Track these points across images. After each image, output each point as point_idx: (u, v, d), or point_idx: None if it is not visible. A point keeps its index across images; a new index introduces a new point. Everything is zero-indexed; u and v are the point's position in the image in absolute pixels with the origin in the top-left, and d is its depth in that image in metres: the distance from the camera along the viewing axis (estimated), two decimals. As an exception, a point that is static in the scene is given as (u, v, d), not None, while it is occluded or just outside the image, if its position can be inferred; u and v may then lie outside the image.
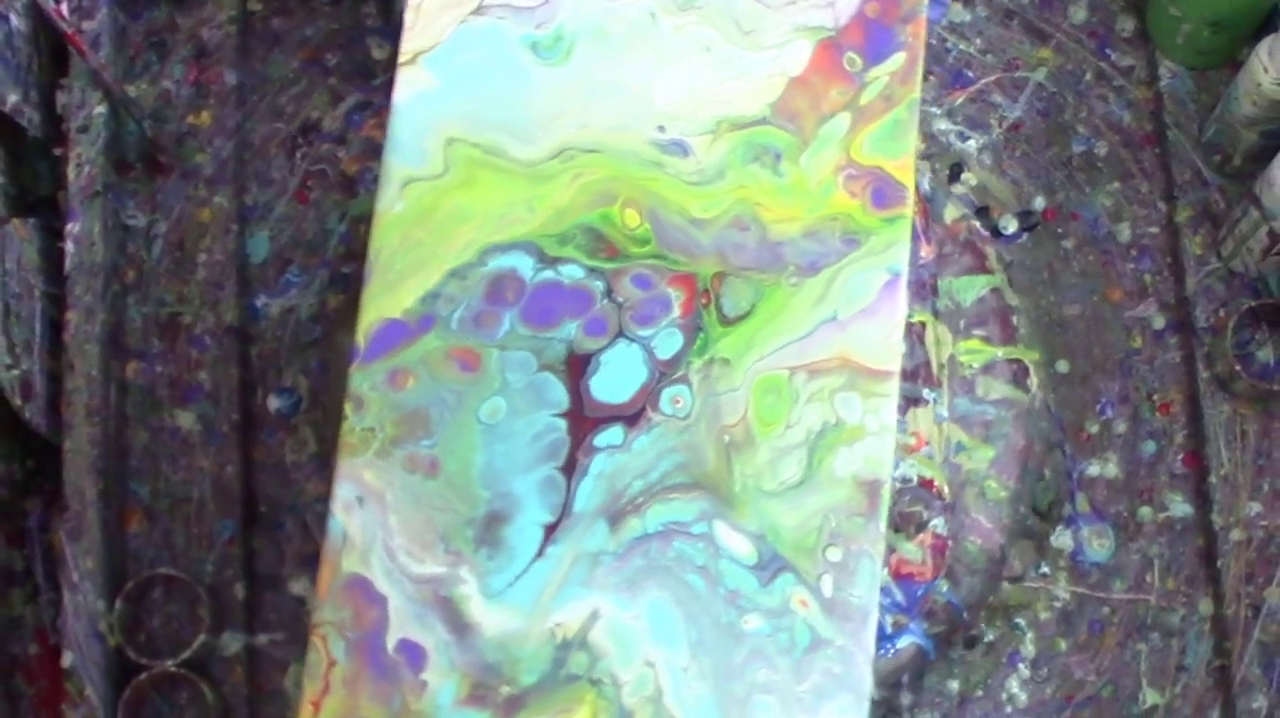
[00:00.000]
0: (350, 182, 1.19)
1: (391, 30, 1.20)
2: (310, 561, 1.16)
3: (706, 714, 0.85)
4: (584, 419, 0.88)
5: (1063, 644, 1.15)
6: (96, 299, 1.16)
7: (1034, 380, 1.12)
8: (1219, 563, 1.15)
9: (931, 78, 1.20)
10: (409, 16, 0.92)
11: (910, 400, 1.09)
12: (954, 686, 1.14)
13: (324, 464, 1.14)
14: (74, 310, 1.16)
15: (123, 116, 1.19)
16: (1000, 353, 1.12)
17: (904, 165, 0.92)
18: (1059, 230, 1.21)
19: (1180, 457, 1.18)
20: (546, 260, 0.90)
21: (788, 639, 0.86)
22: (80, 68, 1.18)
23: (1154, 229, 1.21)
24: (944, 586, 1.09)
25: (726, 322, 0.89)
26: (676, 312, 0.90)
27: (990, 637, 1.14)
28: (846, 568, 0.87)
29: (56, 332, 1.17)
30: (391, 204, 0.90)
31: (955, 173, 1.18)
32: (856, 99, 0.92)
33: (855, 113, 0.92)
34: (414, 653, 0.85)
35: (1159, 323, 1.20)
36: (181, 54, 1.23)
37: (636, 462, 0.88)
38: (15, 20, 1.16)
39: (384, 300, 0.89)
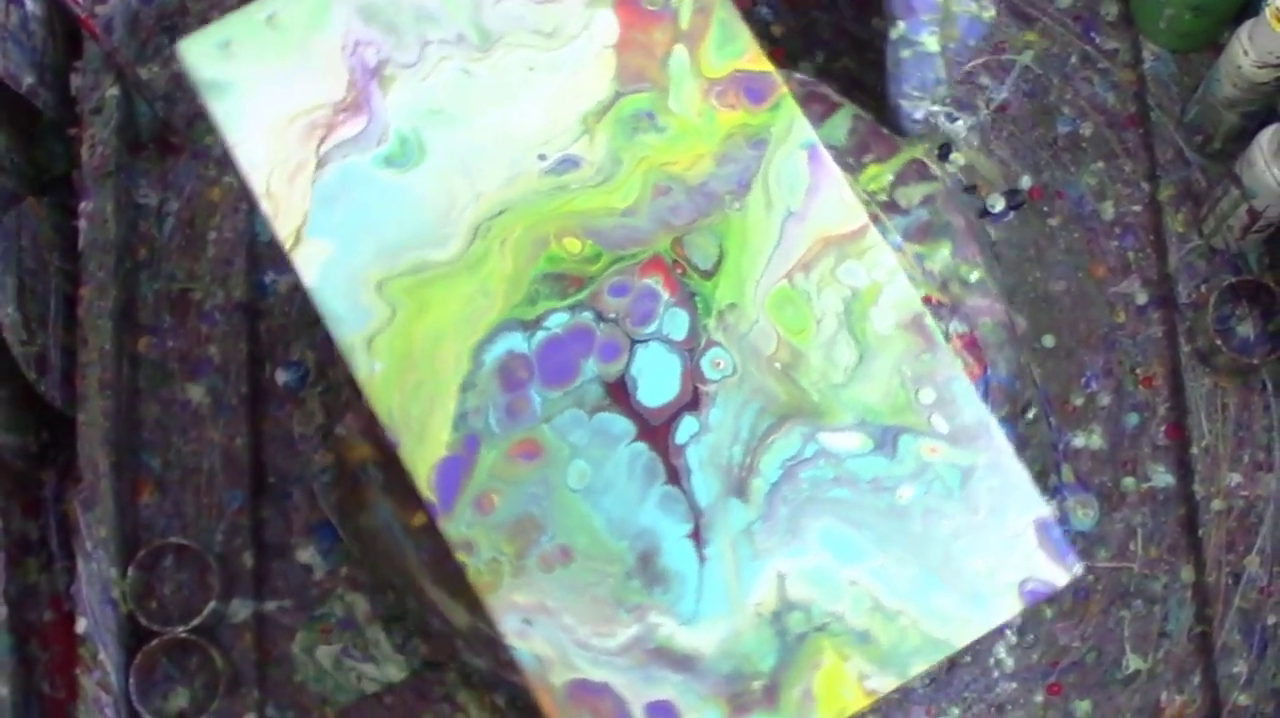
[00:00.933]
0: (356, 161, 1.19)
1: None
2: (316, 529, 1.17)
3: (926, 589, 0.86)
4: (656, 430, 0.88)
5: (1048, 611, 1.16)
6: (109, 275, 1.17)
7: (934, 167, 1.11)
8: (1200, 532, 1.15)
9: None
10: (268, 207, 0.89)
11: None
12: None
13: (330, 436, 1.15)
14: (87, 286, 1.16)
15: (135, 98, 1.19)
16: (892, 165, 1.11)
17: (753, 56, 0.92)
18: (1045, 209, 1.22)
19: (1163, 429, 1.19)
20: (531, 325, 0.88)
21: (942, 487, 0.87)
22: (94, 51, 1.19)
23: (1137, 207, 1.21)
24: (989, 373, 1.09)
25: (708, 275, 0.89)
26: (664, 294, 0.89)
27: (978, 604, 1.15)
28: (944, 399, 0.89)
29: (70, 307, 1.18)
30: (370, 370, 0.88)
31: (944, 153, 1.19)
32: (678, 27, 0.92)
33: (684, 40, 0.92)
34: (663, 710, 0.85)
35: (1142, 299, 1.20)
36: (192, 37, 1.23)
37: (721, 433, 0.88)
38: (30, 4, 1.17)
39: (424, 450, 0.87)
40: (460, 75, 0.92)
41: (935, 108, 1.07)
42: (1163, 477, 1.18)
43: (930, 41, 1.01)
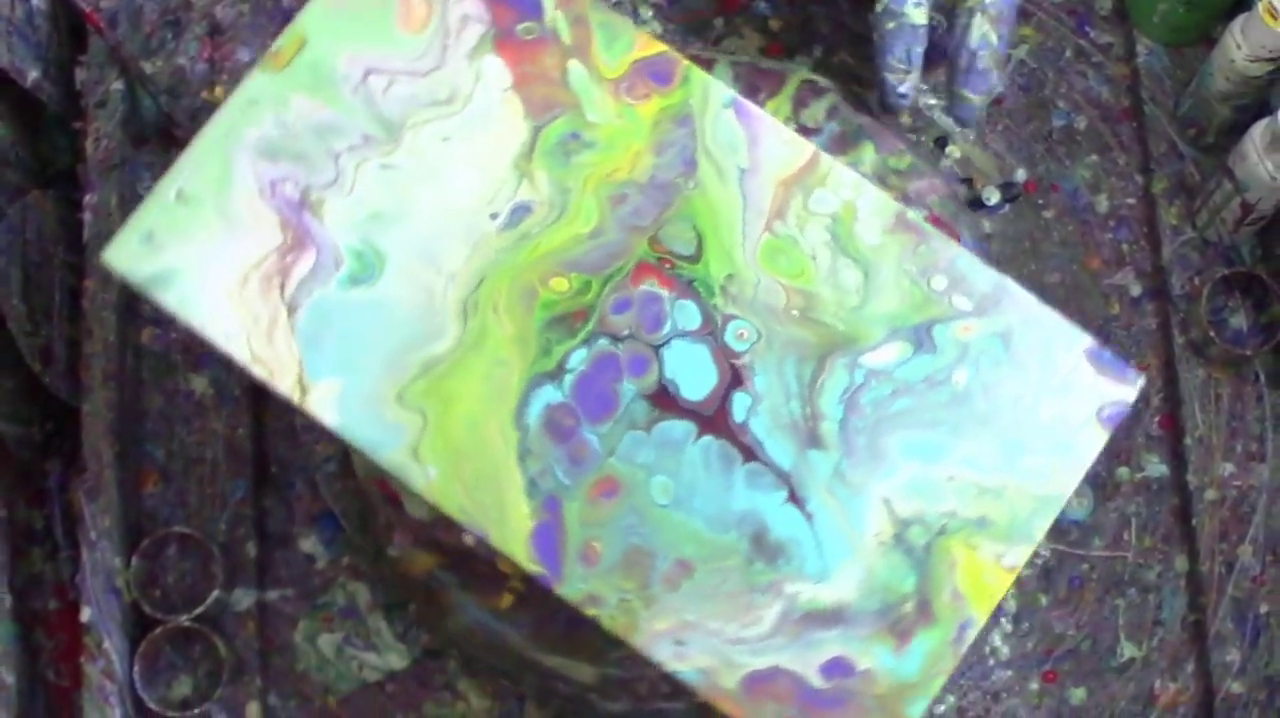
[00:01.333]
0: (358, 155, 1.20)
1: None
2: (318, 519, 1.17)
3: (1015, 456, 0.88)
4: (713, 418, 0.88)
5: (1043, 600, 1.16)
6: (114, 268, 1.17)
7: (822, 80, 1.12)
8: (1194, 521, 1.16)
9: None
10: (261, 372, 0.88)
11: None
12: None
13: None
14: (92, 279, 1.17)
15: (139, 92, 1.19)
16: (786, 94, 1.11)
17: (644, 44, 0.93)
18: (1040, 201, 1.22)
19: (1156, 419, 1.19)
20: (556, 373, 0.88)
21: (989, 359, 0.89)
22: (98, 45, 1.19)
23: (1131, 200, 1.22)
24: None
25: (695, 258, 0.90)
26: (664, 293, 0.90)
27: (973, 592, 1.16)
28: (955, 278, 0.90)
29: (75, 299, 1.18)
30: (426, 478, 0.87)
31: (940, 146, 1.19)
32: (563, 45, 0.92)
33: (574, 54, 0.92)
34: (837, 667, 0.86)
35: (1136, 290, 1.21)
36: (196, 32, 1.23)
37: (773, 398, 0.89)
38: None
39: (511, 530, 0.87)
40: (382, 173, 0.91)
41: (922, 84, 1.07)
42: (1156, 467, 1.18)
43: (915, 14, 1.01)
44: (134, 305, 1.19)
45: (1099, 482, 1.18)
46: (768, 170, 0.92)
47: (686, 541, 0.87)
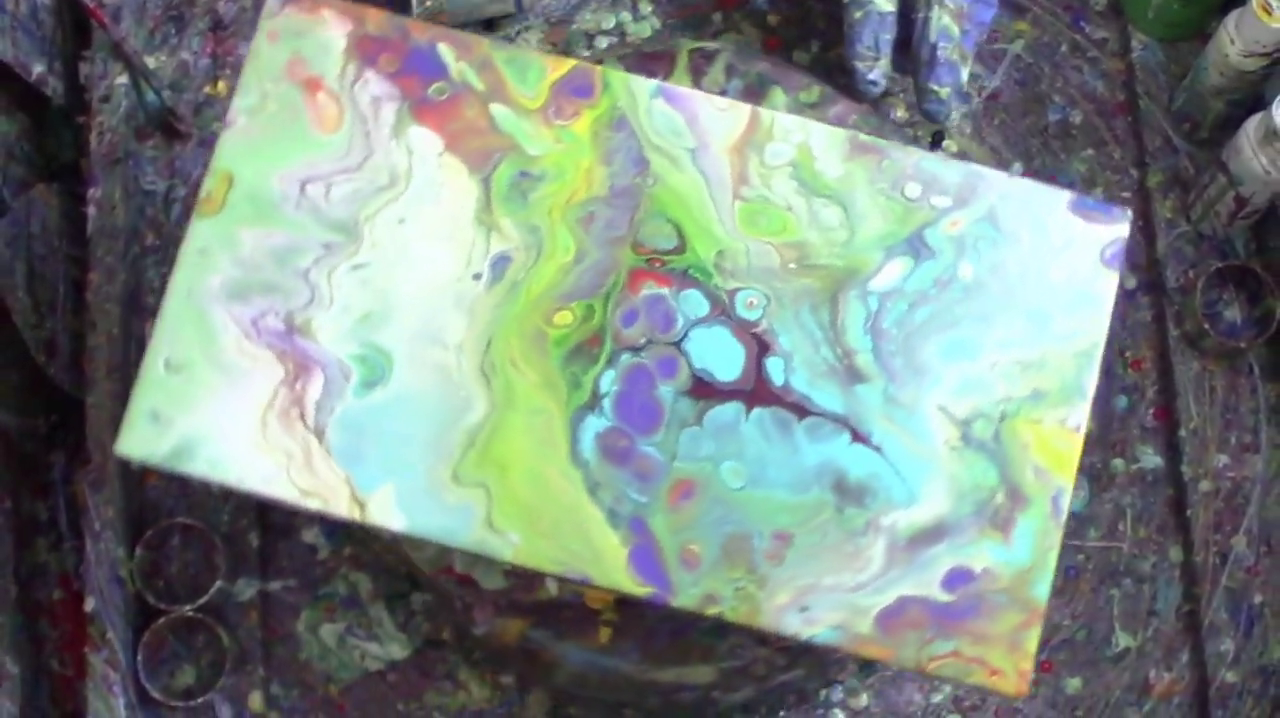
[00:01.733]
0: (359, 149, 1.20)
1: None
2: (321, 510, 1.17)
3: (1042, 323, 0.91)
4: (755, 391, 0.90)
5: (1039, 590, 1.17)
6: (117, 260, 1.17)
7: (709, 44, 1.13)
8: (1188, 512, 1.16)
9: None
10: (314, 504, 0.87)
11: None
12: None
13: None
14: (96, 271, 1.17)
15: (143, 86, 1.19)
16: (682, 67, 1.13)
17: (554, 65, 0.94)
18: (1036, 196, 1.22)
19: (1151, 411, 1.19)
20: (593, 402, 0.89)
21: (985, 242, 0.91)
22: (102, 40, 1.20)
23: (1126, 194, 1.22)
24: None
25: (680, 248, 0.91)
26: (664, 290, 0.91)
27: (970, 582, 1.16)
28: (926, 180, 0.92)
29: (79, 292, 1.18)
30: (511, 545, 0.87)
31: (937, 140, 1.19)
32: (479, 93, 0.93)
33: (494, 97, 0.93)
34: (959, 577, 0.88)
35: (1130, 283, 1.21)
36: (199, 27, 1.24)
37: (802, 351, 0.90)
38: (40, -6, 1.17)
39: (609, 565, 0.88)
40: (355, 274, 0.91)
41: (891, 71, 1.08)
42: (1151, 458, 1.18)
43: (882, 2, 1.02)
44: (138, 298, 1.19)
45: (1094, 473, 1.18)
46: (715, 143, 0.93)
47: (775, 512, 0.88)
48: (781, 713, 1.14)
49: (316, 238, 0.91)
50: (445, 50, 0.94)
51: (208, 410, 0.88)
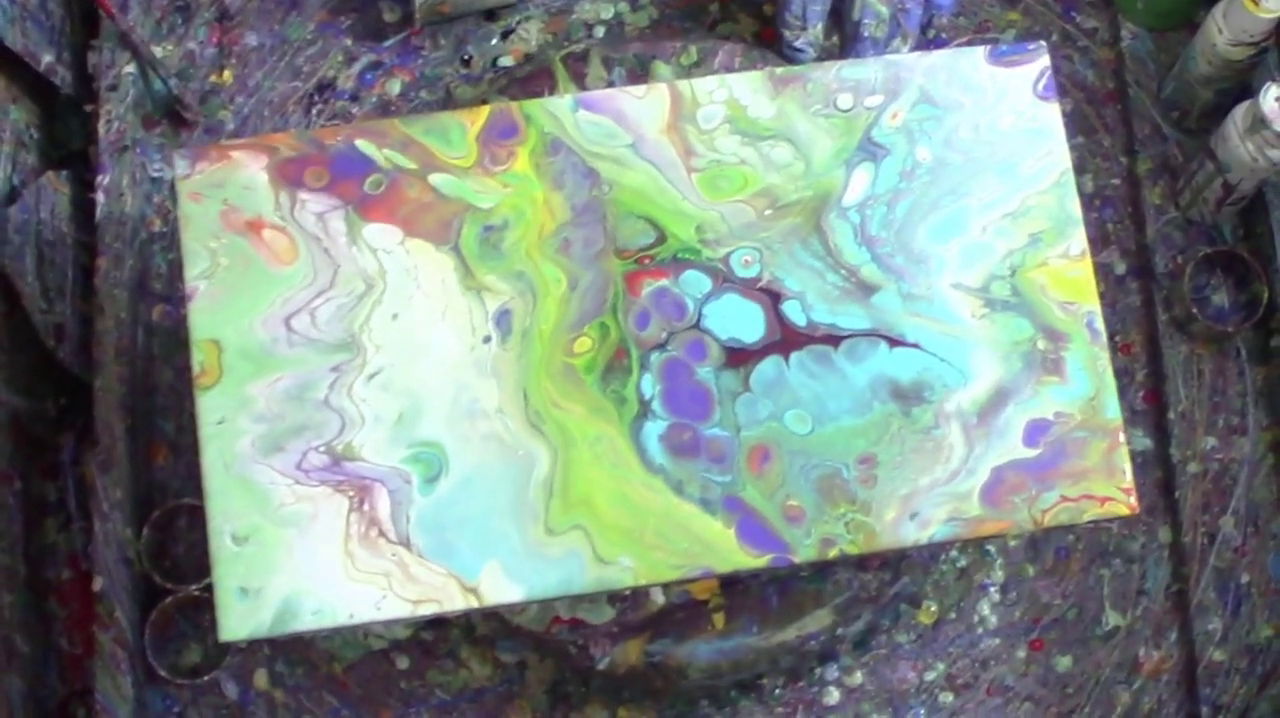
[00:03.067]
0: (363, 136, 1.20)
1: (401, -4, 1.23)
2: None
3: (1007, 177, 0.94)
4: (784, 340, 0.93)
5: (1031, 570, 1.17)
6: (125, 246, 1.18)
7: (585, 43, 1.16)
8: (1177, 494, 1.17)
9: (909, 38, 1.22)
10: (431, 610, 0.89)
11: None
12: (932, 608, 1.16)
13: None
14: (104, 257, 1.17)
15: (150, 76, 1.20)
16: (565, 88, 1.16)
17: (471, 116, 0.96)
18: (1027, 183, 1.22)
19: (1141, 394, 1.20)
20: (644, 411, 0.91)
21: (929, 122, 0.95)
22: (110, 30, 1.20)
23: (1116, 181, 1.23)
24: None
25: (662, 238, 0.94)
26: (663, 282, 0.93)
27: (963, 563, 1.17)
28: (849, 87, 0.96)
29: (88, 277, 1.19)
30: (627, 570, 0.90)
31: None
32: (412, 170, 0.95)
33: (429, 169, 0.95)
34: (1039, 428, 0.91)
35: (1120, 269, 1.22)
36: (205, 17, 1.24)
37: (812, 284, 0.93)
38: (49, -16, 1.18)
39: (722, 549, 0.90)
40: (372, 383, 0.92)
41: (821, 39, 1.11)
42: (1141, 440, 1.19)
43: None
44: (145, 283, 1.20)
45: (1085, 455, 1.18)
46: (649, 130, 0.95)
47: (851, 440, 0.91)
48: (778, 691, 1.14)
49: (322, 364, 0.92)
50: (364, 145, 0.95)
51: (293, 566, 0.89)
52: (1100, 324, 0.92)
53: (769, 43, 1.21)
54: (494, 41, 1.23)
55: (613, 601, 1.08)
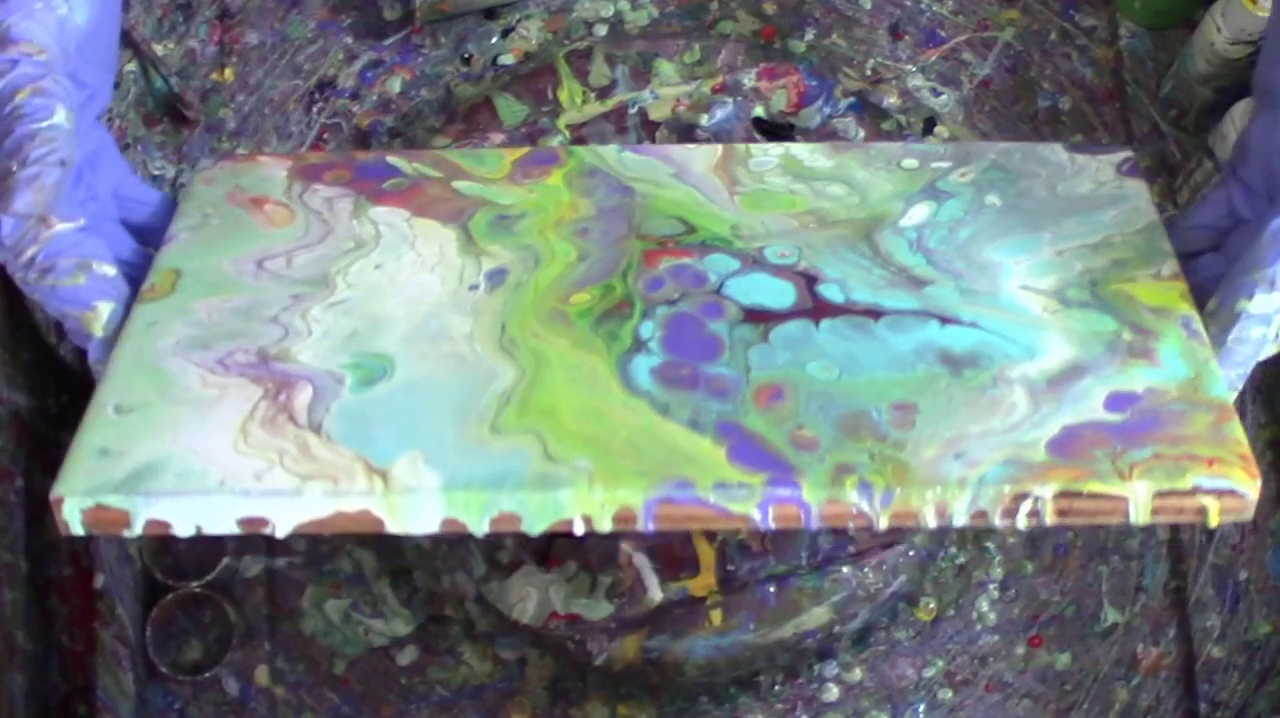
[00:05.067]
0: (363, 135, 1.19)
1: (401, -5, 1.22)
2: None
3: (1090, 220, 0.87)
4: (818, 309, 0.81)
5: (1029, 567, 1.16)
6: (126, 244, 1.17)
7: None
8: (1175, 491, 1.16)
9: (907, 38, 1.21)
10: (321, 489, 0.71)
11: None
12: (931, 604, 1.15)
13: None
14: (105, 255, 1.16)
15: (151, 74, 1.19)
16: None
17: (509, 152, 0.92)
18: (1026, 181, 1.21)
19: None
20: (639, 347, 0.78)
21: (1002, 182, 0.89)
22: (111, 28, 1.20)
23: (1115, 179, 1.22)
24: None
25: (691, 231, 0.87)
26: (686, 260, 0.85)
27: (961, 559, 1.15)
28: (915, 155, 0.91)
29: (89, 274, 1.18)
30: (580, 470, 0.71)
31: (929, 126, 1.19)
32: (437, 179, 0.91)
33: (455, 177, 0.91)
34: (1120, 400, 0.76)
35: (1119, 266, 1.20)
36: (206, 15, 1.23)
37: (854, 275, 0.84)
38: (50, -17, 1.17)
39: (707, 463, 0.72)
40: (334, 309, 0.81)
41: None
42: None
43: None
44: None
45: (1083, 452, 1.17)
46: (696, 166, 0.90)
47: (886, 389, 0.76)
48: (777, 687, 1.13)
49: (283, 293, 0.82)
50: (395, 159, 0.89)
51: (173, 436, 0.74)
52: (1199, 327, 0.79)
53: (769, 41, 1.20)
54: (494, 40, 1.22)
55: (610, 597, 1.07)
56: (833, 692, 1.13)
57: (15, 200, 0.77)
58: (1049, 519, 0.72)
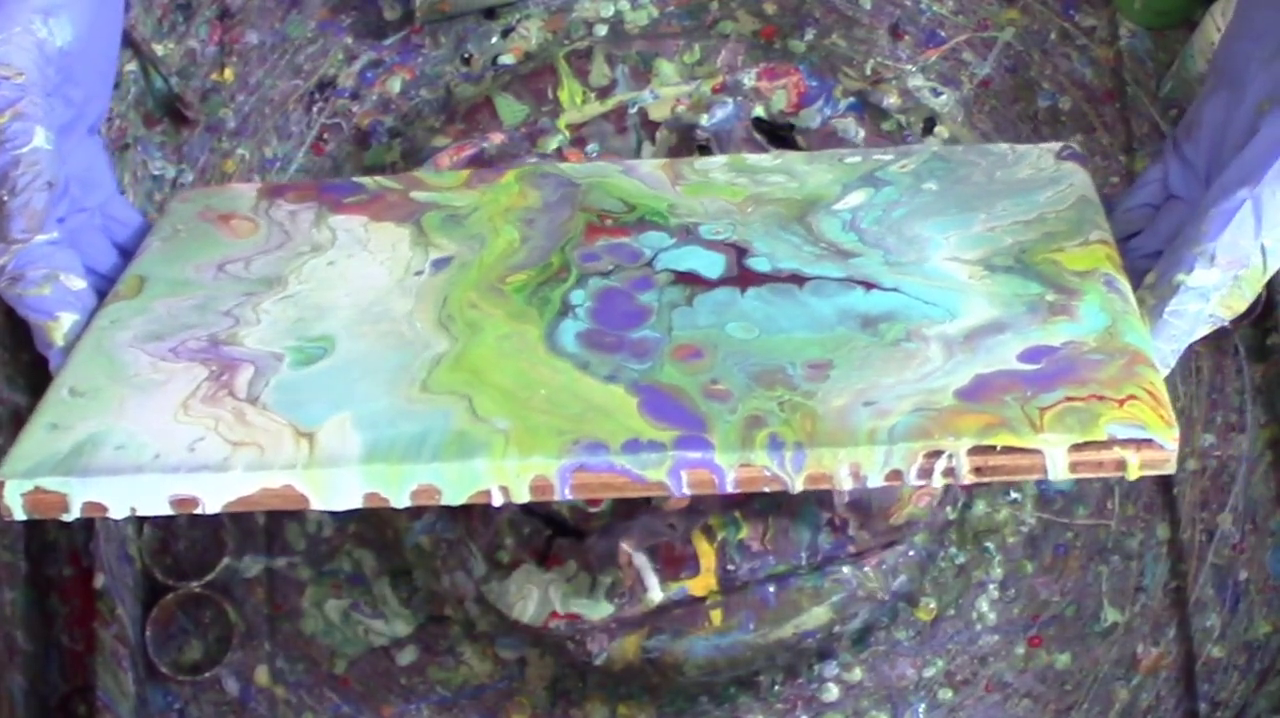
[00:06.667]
0: (363, 134, 1.19)
1: (402, -5, 1.21)
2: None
3: (1024, 198, 0.88)
4: (743, 277, 0.83)
5: (1029, 567, 1.15)
6: (126, 244, 1.16)
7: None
8: (1175, 490, 1.15)
9: (907, 38, 1.20)
10: (248, 456, 0.74)
11: None
12: (931, 604, 1.14)
13: None
14: (106, 255, 1.16)
15: (151, 74, 1.19)
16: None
17: (467, 173, 0.95)
18: (1026, 181, 1.21)
19: (1139, 391, 1.18)
20: (567, 311, 0.82)
21: (941, 170, 0.91)
22: (111, 28, 1.19)
23: (1114, 179, 1.20)
24: None
25: (631, 209, 0.90)
26: (623, 239, 0.88)
27: (961, 559, 1.15)
28: (857, 153, 0.93)
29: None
30: (497, 431, 0.74)
31: (928, 126, 1.18)
32: (396, 190, 0.94)
33: (413, 189, 0.94)
34: (1035, 352, 0.77)
35: (1119, 266, 1.20)
36: (206, 15, 1.23)
37: (783, 250, 0.86)
38: (50, -18, 1.16)
39: (619, 418, 0.74)
40: (284, 302, 0.85)
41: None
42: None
43: None
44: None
45: (1083, 452, 1.16)
46: (644, 164, 0.92)
47: (802, 348, 0.78)
48: (777, 687, 1.12)
49: (237, 293, 0.86)
50: (360, 179, 0.94)
51: (118, 412, 0.78)
52: (1123, 286, 0.81)
53: (769, 41, 1.20)
54: (494, 40, 1.21)
55: (610, 597, 1.06)
56: (833, 692, 1.13)
57: (11, 228, 0.81)
58: (965, 477, 0.72)
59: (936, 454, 0.72)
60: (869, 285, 0.81)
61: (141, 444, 0.75)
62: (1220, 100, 0.90)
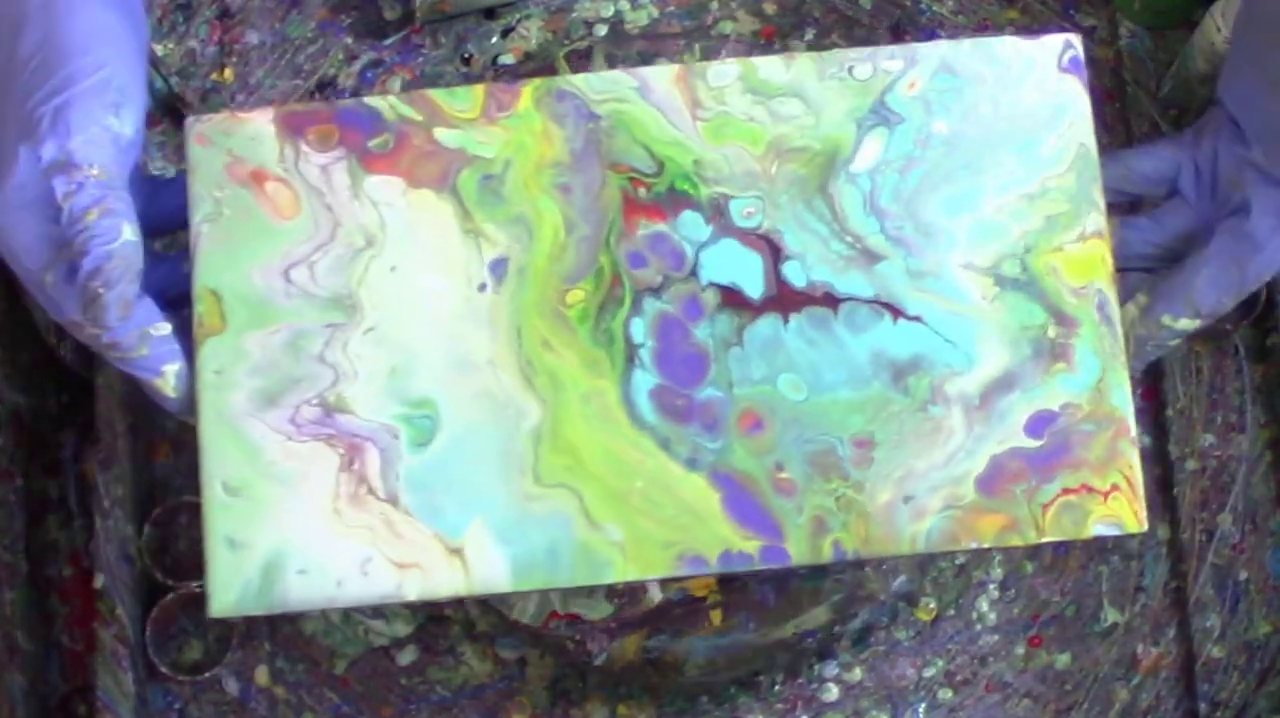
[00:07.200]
0: (363, 134, 1.19)
1: (402, -5, 1.21)
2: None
3: (1027, 155, 0.92)
4: (781, 297, 0.90)
5: (1029, 567, 1.15)
6: (126, 244, 1.16)
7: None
8: (1175, 491, 1.15)
9: (907, 38, 1.20)
10: (414, 583, 0.88)
11: None
12: (931, 604, 1.14)
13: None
14: (105, 255, 1.16)
15: (151, 74, 1.18)
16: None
17: (482, 85, 0.94)
18: (1026, 181, 1.21)
19: (1139, 391, 1.17)
20: (633, 354, 0.90)
21: (949, 94, 0.92)
22: (111, 28, 1.19)
23: (1115, 179, 1.21)
24: None
25: (659, 171, 0.92)
26: (661, 225, 0.91)
27: (961, 559, 1.15)
28: (867, 58, 0.93)
29: (89, 274, 1.17)
30: (612, 540, 0.88)
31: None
32: (417, 124, 0.93)
33: (435, 123, 0.94)
34: (1039, 421, 0.89)
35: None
36: (206, 15, 1.22)
37: (813, 248, 0.90)
38: (50, -17, 1.16)
39: (711, 527, 0.88)
40: (368, 338, 0.91)
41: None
42: (1139, 437, 1.16)
43: None
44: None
45: (1083, 452, 1.16)
46: (657, 83, 0.93)
47: (846, 415, 0.88)
48: (777, 687, 1.12)
49: (318, 319, 0.90)
50: (373, 101, 0.94)
51: (280, 521, 0.88)
52: (1111, 305, 0.90)
53: (769, 41, 1.20)
54: (494, 40, 1.21)
55: (610, 596, 1.06)
56: (833, 692, 1.13)
57: (108, 318, 0.86)
58: None
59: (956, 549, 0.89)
60: (896, 313, 0.90)
61: (321, 567, 0.87)
62: (1227, 135, 0.96)
